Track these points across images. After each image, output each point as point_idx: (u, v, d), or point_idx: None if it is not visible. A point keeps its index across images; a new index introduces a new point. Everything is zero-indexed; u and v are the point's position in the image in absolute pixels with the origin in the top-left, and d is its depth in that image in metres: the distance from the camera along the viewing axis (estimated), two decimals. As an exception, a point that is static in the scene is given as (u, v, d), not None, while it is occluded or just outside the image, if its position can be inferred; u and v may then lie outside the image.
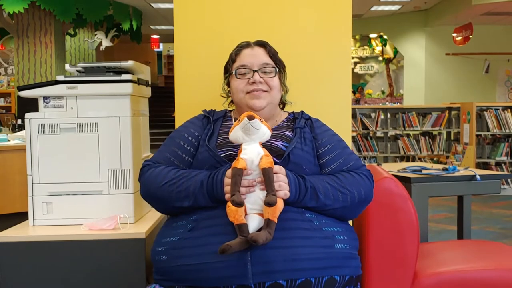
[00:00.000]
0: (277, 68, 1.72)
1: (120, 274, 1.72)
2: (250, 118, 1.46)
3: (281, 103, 1.82)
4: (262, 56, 1.71)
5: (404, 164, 3.65)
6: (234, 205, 1.37)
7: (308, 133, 1.67)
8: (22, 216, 1.96)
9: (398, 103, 11.47)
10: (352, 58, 12.80)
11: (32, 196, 1.84)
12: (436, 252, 2.04)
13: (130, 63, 1.90)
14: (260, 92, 1.67)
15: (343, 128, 1.99)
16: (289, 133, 1.66)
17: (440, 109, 7.39)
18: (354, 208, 1.57)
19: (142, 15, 10.82)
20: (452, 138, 7.36)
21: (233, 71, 1.72)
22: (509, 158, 6.76)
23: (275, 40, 1.81)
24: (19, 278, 1.72)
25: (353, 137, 7.14)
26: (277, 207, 1.38)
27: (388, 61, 12.94)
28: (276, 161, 1.51)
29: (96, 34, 9.91)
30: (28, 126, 1.84)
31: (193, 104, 1.96)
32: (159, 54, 17.89)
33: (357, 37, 13.02)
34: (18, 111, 6.77)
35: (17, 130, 5.79)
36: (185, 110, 2.02)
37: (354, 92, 12.73)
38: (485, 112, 6.70)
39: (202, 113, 1.77)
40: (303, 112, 1.77)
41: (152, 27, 13.03)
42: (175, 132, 1.72)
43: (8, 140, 4.57)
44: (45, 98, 1.85)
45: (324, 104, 2.11)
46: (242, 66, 1.70)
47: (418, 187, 3.02)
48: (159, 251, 1.51)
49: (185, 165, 1.62)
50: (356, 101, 12.00)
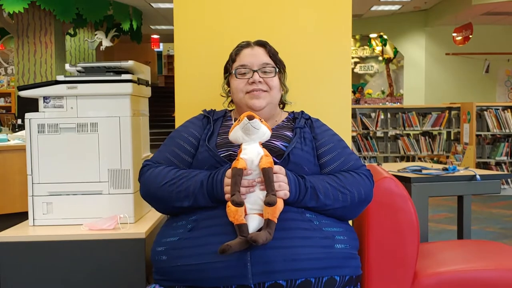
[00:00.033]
0: (277, 68, 1.72)
1: (120, 274, 1.72)
2: (250, 118, 1.46)
3: (281, 103, 1.82)
4: (262, 56, 1.71)
5: (404, 164, 3.65)
6: (234, 205, 1.37)
7: (308, 133, 1.67)
8: (22, 216, 1.96)
9: (398, 103, 11.47)
10: (352, 58, 12.80)
11: (32, 196, 1.84)
12: (436, 252, 2.04)
13: (130, 63, 1.90)
14: (260, 92, 1.67)
15: (343, 128, 1.99)
16: (289, 133, 1.66)
17: (440, 109, 7.39)
18: (354, 208, 1.57)
19: (142, 15, 10.82)
20: (452, 138, 7.36)
21: (233, 71, 1.71)
22: (509, 158, 6.76)
23: (275, 40, 1.81)
24: (19, 278, 1.72)
25: (353, 137, 7.14)
26: (277, 207, 1.38)
27: (388, 61, 12.94)
28: (276, 161, 1.51)
29: (96, 34, 9.91)
30: (28, 126, 1.84)
31: (193, 104, 1.96)
32: (159, 54, 17.89)
33: (357, 37, 13.02)
34: (18, 111, 6.77)
35: (17, 130, 5.79)
36: (185, 110, 2.02)
37: (354, 92, 12.73)
38: (485, 112, 6.70)
39: (202, 113, 1.77)
40: (303, 112, 1.77)
41: (152, 27, 13.03)
42: (175, 132, 1.72)
43: (8, 140, 4.57)
44: (45, 98, 1.85)
45: (324, 104, 2.11)
46: (242, 66, 1.70)
47: (418, 187, 3.02)
48: (159, 251, 1.51)
49: (185, 165, 1.62)
50: (356, 101, 12.00)
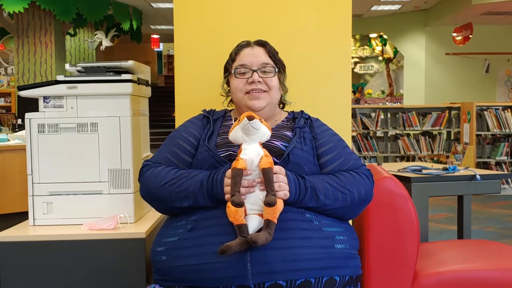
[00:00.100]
0: (277, 68, 1.72)
1: (120, 274, 1.72)
2: (250, 119, 1.46)
3: (281, 103, 1.81)
4: (262, 56, 1.71)
5: (404, 164, 3.65)
6: (234, 206, 1.37)
7: (308, 133, 1.66)
8: (22, 216, 1.96)
9: (398, 103, 11.47)
10: (352, 58, 12.80)
11: (32, 196, 1.84)
12: (436, 252, 2.04)
13: (130, 63, 1.90)
14: (260, 93, 1.67)
15: (343, 128, 1.99)
16: (289, 133, 1.66)
17: (440, 109, 7.39)
18: (354, 208, 1.57)
19: (142, 15, 10.82)
20: (452, 138, 7.36)
21: (233, 70, 1.71)
22: (509, 158, 6.76)
23: (275, 40, 1.81)
24: (19, 278, 1.72)
25: (353, 137, 7.14)
26: (277, 208, 1.38)
27: (388, 61, 12.94)
28: (276, 161, 1.51)
29: (96, 34, 9.91)
30: (28, 126, 1.84)
31: (193, 104, 1.96)
32: (159, 54, 17.89)
33: (357, 37, 13.01)
34: (18, 111, 6.77)
35: (17, 130, 5.79)
36: (185, 110, 2.02)
37: (354, 92, 12.73)
38: (485, 112, 6.70)
39: (202, 113, 1.77)
40: (303, 112, 1.77)
41: (152, 27, 13.03)
42: (175, 132, 1.72)
43: (8, 140, 4.57)
44: (45, 98, 1.84)
45: (324, 104, 2.11)
46: (242, 66, 1.70)
47: (418, 187, 3.02)
48: (159, 251, 1.51)
49: (185, 165, 1.62)
50: (356, 101, 12.00)
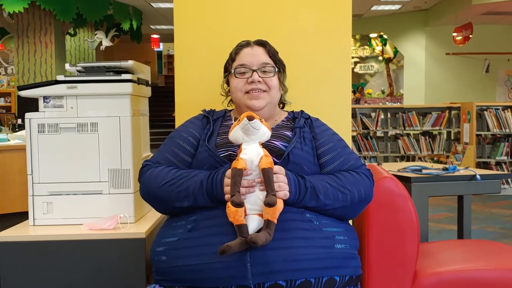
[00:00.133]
0: (277, 68, 1.72)
1: (120, 274, 1.72)
2: (250, 119, 1.45)
3: (281, 103, 1.81)
4: (262, 56, 1.71)
5: (404, 164, 3.65)
6: (234, 206, 1.37)
7: (308, 133, 1.66)
8: (22, 216, 1.96)
9: (398, 103, 11.47)
10: (352, 58, 12.80)
11: (32, 196, 1.84)
12: (436, 252, 2.04)
13: (130, 63, 1.90)
14: (259, 93, 1.67)
15: (343, 128, 1.99)
16: (289, 133, 1.66)
17: (440, 109, 7.39)
18: (354, 208, 1.57)
19: (142, 15, 10.82)
20: (452, 138, 7.36)
21: (232, 70, 1.71)
22: (509, 158, 6.76)
23: (275, 40, 1.81)
24: (19, 278, 1.72)
25: (353, 137, 7.14)
26: (277, 208, 1.38)
27: (388, 61, 12.94)
28: (276, 161, 1.51)
29: (96, 34, 9.91)
30: (28, 126, 1.84)
31: (193, 104, 1.96)
32: (159, 54, 17.89)
33: (357, 37, 13.01)
34: (18, 111, 6.77)
35: (17, 130, 5.80)
36: (185, 110, 2.02)
37: (354, 92, 12.72)
38: (485, 112, 6.70)
39: (202, 113, 1.77)
40: (303, 112, 1.77)
41: (152, 27, 13.03)
42: (175, 132, 1.72)
43: (8, 140, 4.57)
44: (45, 98, 1.84)
45: (324, 104, 2.11)
46: (242, 65, 1.70)
47: (418, 187, 3.02)
48: (159, 251, 1.51)
49: (185, 165, 1.62)
50: (356, 101, 12.00)
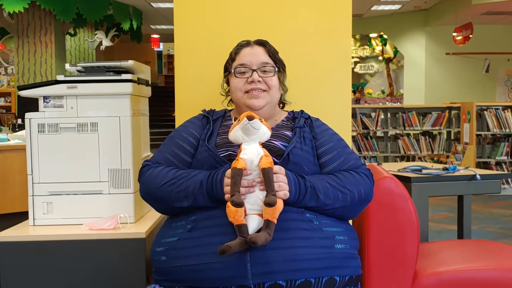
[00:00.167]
0: (277, 68, 1.72)
1: (120, 274, 1.72)
2: (250, 118, 1.45)
3: (281, 103, 1.81)
4: (262, 55, 1.71)
5: (404, 164, 3.65)
6: (234, 206, 1.37)
7: (308, 133, 1.66)
8: (22, 216, 1.96)
9: (398, 103, 11.47)
10: (352, 58, 12.79)
11: (32, 196, 1.84)
12: (436, 252, 2.04)
13: (130, 63, 1.90)
14: (259, 92, 1.67)
15: (343, 128, 1.99)
16: (289, 133, 1.66)
17: (440, 109, 7.39)
18: (354, 208, 1.57)
19: (142, 15, 10.82)
20: (452, 138, 7.36)
21: (232, 70, 1.71)
22: (509, 158, 6.76)
23: (275, 40, 1.80)
24: (19, 278, 1.72)
25: (353, 137, 7.14)
26: (277, 208, 1.38)
27: (388, 61, 12.94)
28: (276, 161, 1.51)
29: (96, 34, 9.91)
30: (28, 126, 1.84)
31: (193, 104, 1.96)
32: (159, 54, 17.89)
33: (357, 37, 13.01)
34: (18, 111, 6.77)
35: (17, 130, 5.79)
36: (185, 110, 2.02)
37: (354, 92, 12.72)
38: (485, 112, 6.70)
39: (202, 113, 1.77)
40: (303, 111, 1.76)
41: (152, 27, 13.03)
42: (175, 132, 1.72)
43: (8, 140, 4.57)
44: (45, 98, 1.84)
45: (324, 104, 2.11)
46: (241, 65, 1.70)
47: (418, 187, 3.02)
48: (159, 252, 1.51)
49: (185, 165, 1.62)
50: (356, 101, 12.00)
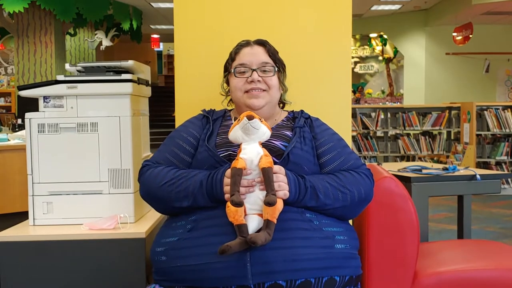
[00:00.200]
0: (276, 67, 1.72)
1: (120, 274, 1.72)
2: (250, 118, 1.45)
3: (281, 102, 1.81)
4: (261, 55, 1.71)
5: (404, 164, 3.65)
6: (234, 205, 1.37)
7: (308, 133, 1.66)
8: (22, 216, 1.96)
9: (398, 103, 11.47)
10: (352, 58, 12.79)
11: (32, 196, 1.84)
12: (436, 252, 2.04)
13: (130, 63, 1.90)
14: (259, 92, 1.67)
15: (343, 128, 1.99)
16: (289, 133, 1.66)
17: (440, 109, 7.39)
18: (354, 208, 1.57)
19: (142, 15, 10.82)
20: (452, 138, 7.36)
21: (232, 70, 1.71)
22: (509, 158, 6.76)
23: (275, 40, 1.80)
24: (19, 278, 1.72)
25: (353, 137, 7.14)
26: (277, 207, 1.38)
27: (388, 61, 12.94)
28: (276, 161, 1.51)
29: (96, 34, 9.91)
30: (28, 126, 1.84)
31: (193, 104, 1.96)
32: (159, 54, 17.89)
33: (357, 37, 13.01)
34: (18, 111, 6.77)
35: (17, 130, 5.80)
36: (185, 110, 2.02)
37: (354, 92, 12.72)
38: (485, 112, 6.70)
39: (201, 113, 1.77)
40: (303, 111, 1.76)
41: (152, 27, 13.03)
42: (175, 132, 1.72)
43: (8, 140, 4.57)
44: (45, 98, 1.84)
45: (324, 104, 2.11)
46: (241, 65, 1.70)
47: (418, 187, 3.02)
48: (159, 252, 1.51)
49: (185, 165, 1.62)
50: (356, 101, 11.99)
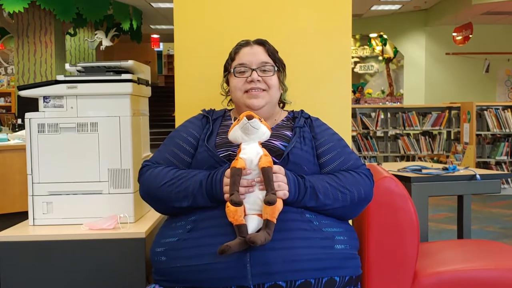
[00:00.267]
0: (276, 67, 1.71)
1: (120, 274, 1.72)
2: (249, 118, 1.45)
3: (281, 102, 1.81)
4: (261, 55, 1.71)
5: (404, 164, 3.65)
6: (233, 205, 1.37)
7: (308, 132, 1.66)
8: (22, 216, 1.96)
9: (398, 103, 11.46)
10: (352, 58, 12.79)
11: (32, 196, 1.84)
12: (436, 252, 2.04)
13: (130, 63, 1.90)
14: (259, 92, 1.67)
15: (343, 128, 1.99)
16: (289, 133, 1.66)
17: (440, 109, 7.39)
18: (354, 208, 1.57)
19: (142, 15, 10.82)
20: (452, 138, 7.36)
21: (232, 70, 1.71)
22: (509, 158, 6.76)
23: (275, 40, 1.80)
24: (19, 278, 1.72)
25: (353, 137, 7.14)
26: (276, 207, 1.38)
27: (388, 61, 12.93)
28: (276, 161, 1.51)
29: (96, 34, 9.91)
30: (28, 126, 1.84)
31: (193, 104, 1.96)
32: (159, 54, 17.88)
33: (357, 37, 13.00)
34: (18, 111, 6.77)
35: (17, 130, 5.79)
36: (185, 110, 2.02)
37: (354, 92, 12.72)
38: (485, 112, 6.70)
39: (201, 113, 1.77)
40: (303, 111, 1.76)
41: (152, 27, 13.03)
42: (175, 132, 1.72)
43: (8, 140, 4.57)
44: (45, 98, 1.84)
45: (324, 104, 2.11)
46: (241, 65, 1.70)
47: (418, 187, 3.02)
48: (158, 252, 1.51)
49: (184, 165, 1.62)
50: (356, 101, 11.99)
